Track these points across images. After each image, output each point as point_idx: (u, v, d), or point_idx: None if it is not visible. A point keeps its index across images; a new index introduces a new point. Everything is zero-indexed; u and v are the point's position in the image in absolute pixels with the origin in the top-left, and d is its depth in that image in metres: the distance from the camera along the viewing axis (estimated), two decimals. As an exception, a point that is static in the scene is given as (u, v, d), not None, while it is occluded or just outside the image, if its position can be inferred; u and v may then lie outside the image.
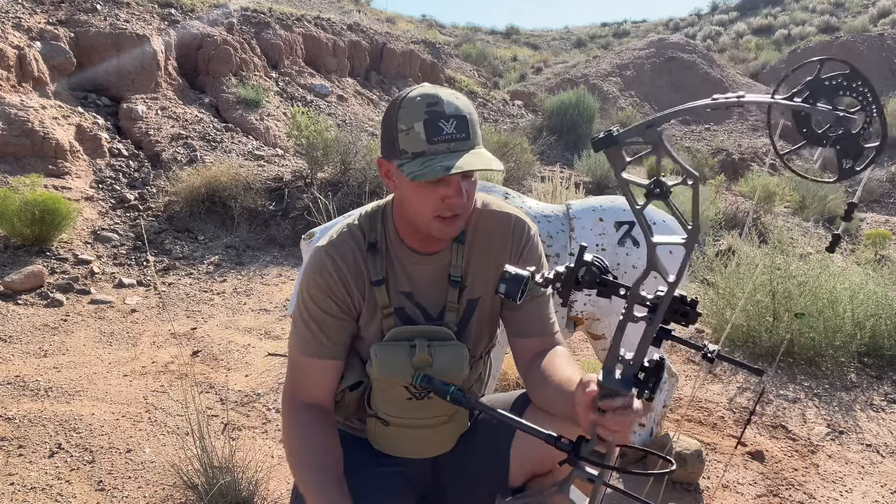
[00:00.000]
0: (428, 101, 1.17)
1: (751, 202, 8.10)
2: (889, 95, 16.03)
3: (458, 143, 1.16)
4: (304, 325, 1.32)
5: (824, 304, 3.54)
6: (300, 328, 1.32)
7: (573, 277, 0.93)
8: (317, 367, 1.31)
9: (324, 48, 11.53)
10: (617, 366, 0.94)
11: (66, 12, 7.69)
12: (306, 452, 1.26)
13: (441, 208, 1.20)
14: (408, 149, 1.17)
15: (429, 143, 1.16)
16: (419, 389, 1.30)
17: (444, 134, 1.15)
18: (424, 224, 1.24)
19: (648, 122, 0.81)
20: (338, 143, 6.68)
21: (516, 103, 15.86)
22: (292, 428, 1.29)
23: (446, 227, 1.23)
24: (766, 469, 2.57)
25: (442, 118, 1.16)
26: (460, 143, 1.17)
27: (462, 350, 1.31)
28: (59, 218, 4.82)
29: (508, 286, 0.99)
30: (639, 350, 0.91)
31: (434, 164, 1.14)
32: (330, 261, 1.31)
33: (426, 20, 28.75)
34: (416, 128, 1.16)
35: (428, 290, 1.35)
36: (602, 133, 0.82)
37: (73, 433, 2.58)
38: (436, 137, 1.15)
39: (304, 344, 1.31)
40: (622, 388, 0.94)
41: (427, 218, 1.22)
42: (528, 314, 1.35)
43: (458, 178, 1.19)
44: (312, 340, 1.30)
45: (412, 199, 1.22)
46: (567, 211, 2.34)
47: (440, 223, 1.22)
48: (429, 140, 1.16)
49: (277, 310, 4.39)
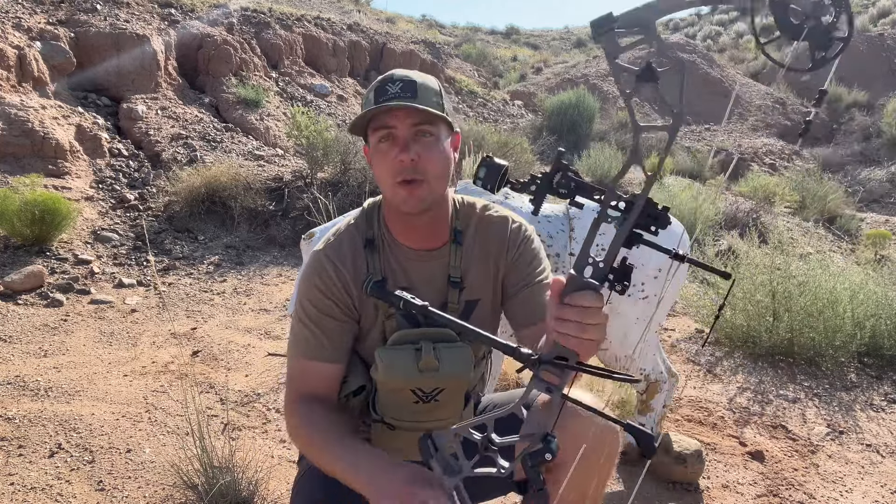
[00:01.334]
0: (385, 76, 1.26)
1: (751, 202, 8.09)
2: (889, 95, 16.02)
3: (401, 99, 1.21)
4: (303, 327, 1.31)
5: (824, 304, 3.54)
6: (300, 332, 1.31)
7: (549, 182, 0.90)
8: (317, 371, 1.30)
9: (324, 48, 11.53)
10: (587, 269, 0.87)
11: (66, 12, 7.69)
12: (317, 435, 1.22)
13: (396, 171, 1.23)
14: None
15: (375, 103, 1.22)
16: (426, 393, 1.29)
17: (388, 94, 1.22)
18: (391, 197, 1.27)
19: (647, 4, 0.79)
20: (338, 143, 6.68)
21: (516, 103, 15.86)
22: (295, 425, 1.26)
23: (408, 197, 1.24)
24: (766, 469, 2.57)
25: (389, 82, 1.24)
26: (403, 99, 1.21)
27: (467, 351, 1.30)
28: (59, 218, 4.82)
29: (487, 172, 0.97)
30: (610, 251, 0.85)
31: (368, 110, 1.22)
32: (329, 263, 1.31)
33: (426, 20, 28.74)
34: (369, 96, 1.25)
35: (425, 288, 1.34)
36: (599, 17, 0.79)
37: (73, 433, 2.58)
38: (381, 98, 1.22)
39: (305, 346, 1.30)
40: (593, 283, 0.86)
41: (389, 186, 1.25)
42: (528, 300, 1.35)
43: (405, 135, 1.22)
44: (313, 342, 1.30)
45: (376, 168, 1.28)
46: (567, 211, 2.34)
47: (402, 191, 1.23)
48: (375, 101, 1.22)
49: (277, 310, 4.39)
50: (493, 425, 0.91)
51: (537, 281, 1.36)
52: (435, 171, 1.25)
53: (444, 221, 1.36)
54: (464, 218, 1.39)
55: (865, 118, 15.89)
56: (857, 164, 13.60)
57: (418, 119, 1.22)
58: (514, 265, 1.38)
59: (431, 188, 1.26)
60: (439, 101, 1.26)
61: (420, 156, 1.22)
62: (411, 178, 1.22)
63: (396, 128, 1.22)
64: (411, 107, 1.19)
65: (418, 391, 1.29)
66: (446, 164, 1.28)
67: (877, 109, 15.85)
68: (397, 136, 1.23)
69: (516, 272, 1.37)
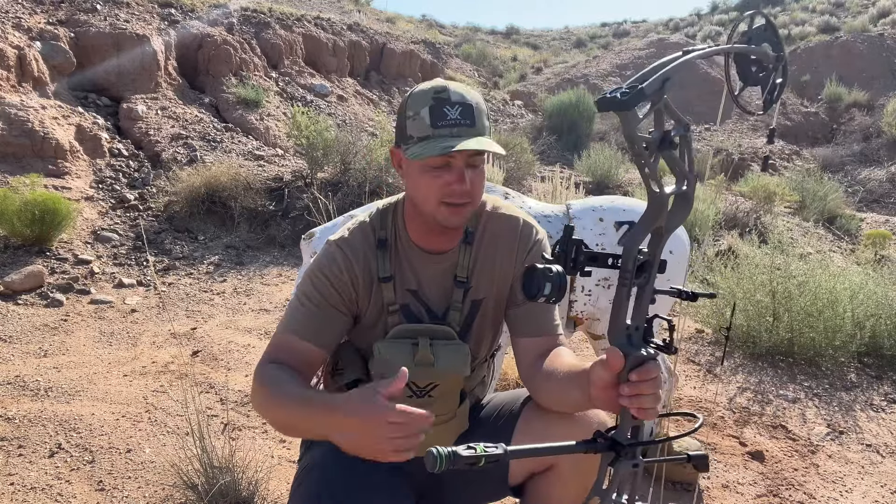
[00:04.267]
0: (436, 90, 1.22)
1: (751, 202, 8.09)
2: (889, 95, 16.02)
3: (462, 128, 1.19)
4: (300, 306, 1.29)
5: (824, 304, 3.54)
6: (296, 310, 1.29)
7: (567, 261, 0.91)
8: (300, 348, 1.26)
9: (324, 48, 11.53)
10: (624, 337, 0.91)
11: (66, 12, 7.69)
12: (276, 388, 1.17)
13: (445, 195, 1.22)
14: (414, 133, 1.21)
15: (433, 127, 1.19)
16: (420, 388, 1.30)
17: (448, 119, 1.19)
18: (431, 212, 1.25)
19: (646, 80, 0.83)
20: (338, 143, 6.68)
21: (516, 103, 15.86)
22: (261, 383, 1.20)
23: (452, 216, 1.24)
24: (766, 469, 2.57)
25: (447, 104, 1.20)
26: (464, 129, 1.19)
27: (464, 349, 1.31)
28: (59, 218, 4.81)
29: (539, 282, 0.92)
30: (638, 312, 0.90)
31: (435, 144, 1.17)
32: (340, 254, 1.32)
33: (426, 20, 28.72)
34: (422, 113, 1.20)
35: (433, 289, 1.35)
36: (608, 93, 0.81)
37: (73, 433, 2.58)
38: (440, 122, 1.19)
39: (296, 324, 1.28)
40: (647, 353, 0.90)
41: (433, 205, 1.24)
42: (533, 313, 1.35)
43: (461, 165, 1.21)
44: (306, 322, 1.28)
45: (419, 185, 1.25)
46: (567, 211, 2.34)
47: (447, 211, 1.23)
48: (433, 124, 1.19)
49: (277, 310, 4.39)
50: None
51: None
52: (479, 193, 1.28)
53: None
54: (475, 217, 1.39)
55: (865, 118, 15.88)
56: (857, 164, 13.59)
57: (478, 152, 1.22)
58: None
59: (474, 206, 1.28)
60: (489, 124, 1.26)
61: (472, 183, 1.23)
62: (460, 202, 1.24)
63: (455, 158, 1.21)
64: (478, 159, 1.21)
65: (412, 385, 1.30)
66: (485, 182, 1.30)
67: (877, 109, 15.84)
68: (454, 166, 1.22)
69: None
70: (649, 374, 0.90)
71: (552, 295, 0.86)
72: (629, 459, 0.90)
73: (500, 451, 0.83)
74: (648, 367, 0.91)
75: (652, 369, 0.90)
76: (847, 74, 17.55)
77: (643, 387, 0.91)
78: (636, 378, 0.91)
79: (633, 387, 0.91)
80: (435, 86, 1.23)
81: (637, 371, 0.91)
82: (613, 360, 0.92)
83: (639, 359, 0.90)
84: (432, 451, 0.79)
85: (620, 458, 0.91)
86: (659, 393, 0.91)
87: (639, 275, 0.89)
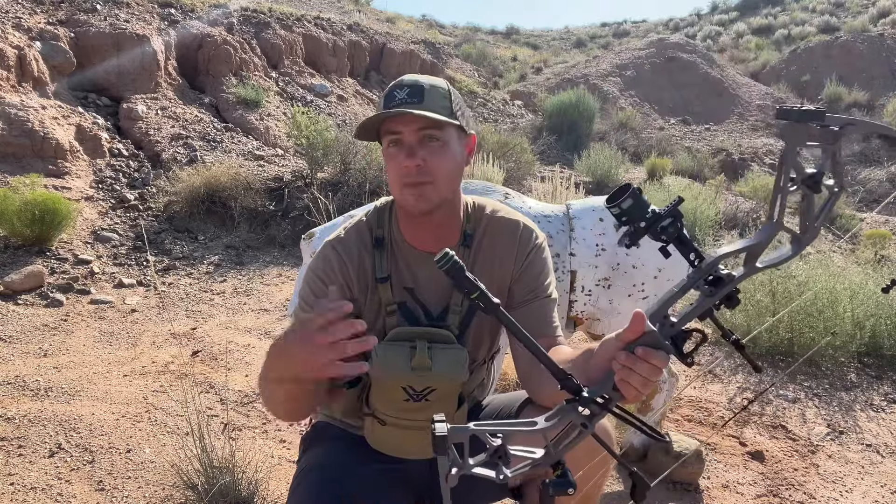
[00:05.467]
0: (396, 82, 1.28)
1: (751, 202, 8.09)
2: (889, 95, 16.02)
3: (407, 105, 1.22)
4: (301, 311, 1.34)
5: (824, 304, 3.54)
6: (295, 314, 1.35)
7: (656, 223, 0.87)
8: None
9: (324, 48, 11.53)
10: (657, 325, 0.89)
11: (66, 12, 7.69)
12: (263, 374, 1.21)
13: (402, 175, 1.24)
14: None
15: (383, 108, 1.24)
16: (417, 392, 1.29)
17: (396, 100, 1.23)
18: (399, 199, 1.30)
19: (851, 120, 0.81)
20: (338, 143, 6.68)
21: (516, 103, 15.85)
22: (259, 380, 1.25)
23: (413, 199, 1.25)
24: (766, 469, 2.57)
25: (397, 88, 1.25)
26: (408, 106, 1.21)
27: (462, 354, 1.30)
28: (59, 218, 4.82)
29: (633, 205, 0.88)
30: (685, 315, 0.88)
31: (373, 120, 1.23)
32: (334, 255, 1.33)
33: (426, 20, 28.73)
34: (379, 101, 1.25)
35: (430, 288, 1.35)
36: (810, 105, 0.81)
37: (73, 433, 2.58)
38: (390, 104, 1.23)
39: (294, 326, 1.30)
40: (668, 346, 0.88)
41: (398, 190, 1.27)
42: (532, 313, 1.35)
43: (411, 141, 1.24)
44: None
45: (388, 172, 1.29)
46: (567, 211, 2.34)
47: (408, 193, 1.25)
48: (384, 106, 1.24)
49: (277, 310, 4.39)
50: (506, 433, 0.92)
51: (545, 295, 1.36)
52: (442, 174, 1.26)
53: (454, 224, 1.36)
54: (474, 220, 1.39)
55: (865, 118, 15.88)
56: (857, 164, 13.59)
57: (423, 124, 1.23)
58: (523, 273, 1.37)
59: (438, 189, 1.26)
60: (448, 105, 1.26)
61: (426, 160, 1.23)
62: (417, 181, 1.24)
63: (403, 133, 1.24)
64: (412, 113, 1.20)
65: (409, 389, 1.29)
66: (455, 166, 1.28)
67: (877, 109, 15.85)
68: (403, 142, 1.24)
69: (524, 281, 1.37)
70: (653, 358, 0.88)
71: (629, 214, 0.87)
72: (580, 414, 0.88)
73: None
74: (657, 354, 0.89)
75: (659, 357, 0.89)
76: (847, 74, 17.55)
77: (640, 365, 0.89)
78: (640, 354, 0.89)
79: (632, 360, 0.89)
80: (398, 80, 1.28)
81: (645, 349, 0.89)
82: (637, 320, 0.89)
83: (655, 341, 0.89)
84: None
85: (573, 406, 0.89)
86: (651, 381, 0.89)
87: (709, 284, 0.86)
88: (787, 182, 0.81)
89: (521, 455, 0.91)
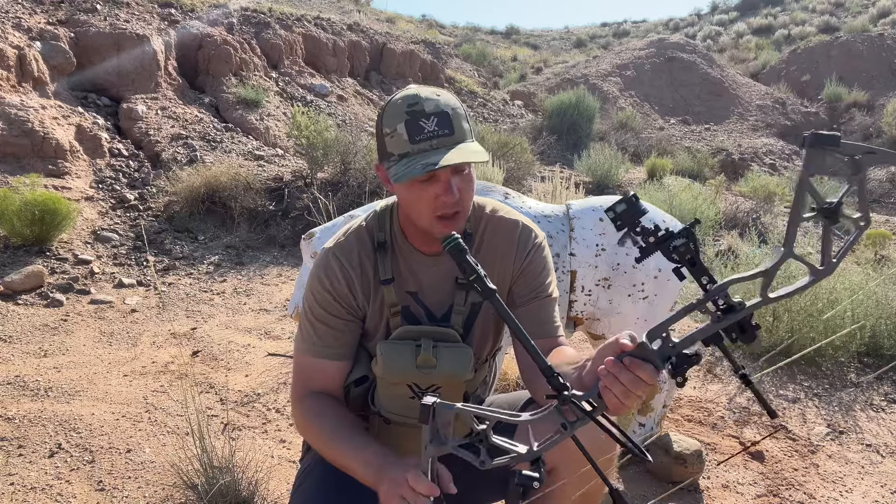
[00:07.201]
0: (409, 102, 1.18)
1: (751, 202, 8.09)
2: (889, 95, 16.02)
3: (441, 139, 1.17)
4: (310, 326, 1.32)
5: (824, 304, 3.54)
6: (306, 330, 1.33)
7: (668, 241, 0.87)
8: (323, 368, 1.32)
9: (324, 48, 11.53)
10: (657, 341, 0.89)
11: (66, 12, 7.69)
12: (327, 427, 1.24)
13: (437, 207, 1.21)
14: (394, 151, 1.19)
15: (411, 143, 1.17)
16: (422, 390, 1.29)
17: (425, 132, 1.16)
18: (426, 227, 1.24)
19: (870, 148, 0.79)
20: (338, 143, 6.69)
21: (516, 103, 15.85)
22: (305, 416, 1.28)
23: (446, 229, 1.22)
24: (766, 469, 2.57)
25: (423, 117, 1.17)
26: (443, 140, 1.17)
27: (467, 352, 1.31)
28: (59, 218, 4.82)
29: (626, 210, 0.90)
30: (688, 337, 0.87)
31: (416, 163, 1.15)
32: (336, 262, 1.32)
33: (426, 20, 28.73)
34: (399, 129, 1.17)
35: (433, 291, 1.35)
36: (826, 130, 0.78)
37: (73, 433, 2.58)
38: (417, 137, 1.16)
39: (311, 345, 1.32)
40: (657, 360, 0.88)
41: (427, 220, 1.22)
42: (533, 314, 1.35)
43: (448, 175, 1.19)
44: (319, 342, 1.31)
45: (409, 200, 1.23)
46: (567, 211, 2.34)
47: (441, 225, 1.22)
48: (411, 140, 1.17)
49: (277, 310, 4.39)
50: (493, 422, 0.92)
51: (545, 295, 1.36)
52: (469, 198, 1.26)
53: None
54: (474, 220, 1.39)
55: (865, 118, 15.89)
56: (857, 164, 13.59)
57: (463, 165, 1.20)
58: (524, 273, 1.37)
59: (466, 214, 1.27)
60: (469, 127, 1.23)
61: (460, 191, 1.21)
62: (452, 213, 1.22)
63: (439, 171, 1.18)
64: (465, 163, 1.16)
65: (414, 387, 1.30)
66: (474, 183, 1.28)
67: (877, 109, 15.85)
68: (441, 178, 1.19)
69: (525, 281, 1.37)
70: (638, 369, 0.89)
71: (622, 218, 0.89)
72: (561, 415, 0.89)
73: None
74: (644, 366, 0.89)
75: (646, 371, 0.89)
76: (847, 74, 17.55)
77: (624, 375, 0.89)
78: (627, 363, 0.90)
79: (617, 367, 0.90)
80: (406, 96, 1.20)
81: (633, 359, 0.89)
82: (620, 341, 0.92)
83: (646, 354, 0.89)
84: None
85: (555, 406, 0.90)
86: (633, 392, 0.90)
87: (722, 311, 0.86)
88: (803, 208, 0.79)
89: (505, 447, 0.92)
